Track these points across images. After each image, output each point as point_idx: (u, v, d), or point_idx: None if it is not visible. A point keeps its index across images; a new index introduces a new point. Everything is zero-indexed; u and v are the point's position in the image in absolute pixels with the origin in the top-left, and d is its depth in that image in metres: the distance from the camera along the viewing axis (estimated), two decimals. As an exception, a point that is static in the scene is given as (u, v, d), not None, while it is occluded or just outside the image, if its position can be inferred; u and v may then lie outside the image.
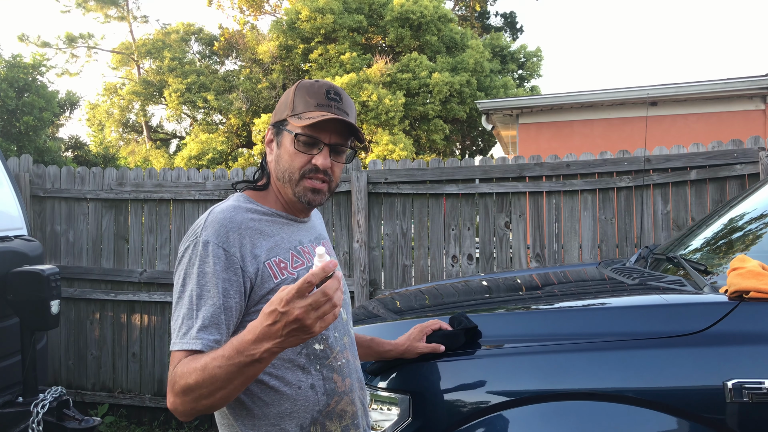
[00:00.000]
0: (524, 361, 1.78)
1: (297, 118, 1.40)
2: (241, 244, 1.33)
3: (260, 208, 1.44)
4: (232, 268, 1.31)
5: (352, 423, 1.44)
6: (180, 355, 1.25)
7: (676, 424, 1.63)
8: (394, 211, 4.68)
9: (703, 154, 4.22)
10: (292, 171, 1.42)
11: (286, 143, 1.43)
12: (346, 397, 1.43)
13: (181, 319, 1.29)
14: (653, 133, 7.78)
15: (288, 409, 1.35)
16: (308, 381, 1.37)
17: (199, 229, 1.34)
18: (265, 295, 1.34)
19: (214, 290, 1.28)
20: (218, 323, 1.28)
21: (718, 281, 1.97)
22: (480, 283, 3.03)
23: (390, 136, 18.14)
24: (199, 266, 1.30)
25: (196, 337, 1.25)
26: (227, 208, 1.39)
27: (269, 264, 1.36)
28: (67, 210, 5.07)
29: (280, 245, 1.41)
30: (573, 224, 4.44)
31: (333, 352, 1.43)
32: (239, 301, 1.31)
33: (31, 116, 12.84)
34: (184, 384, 1.21)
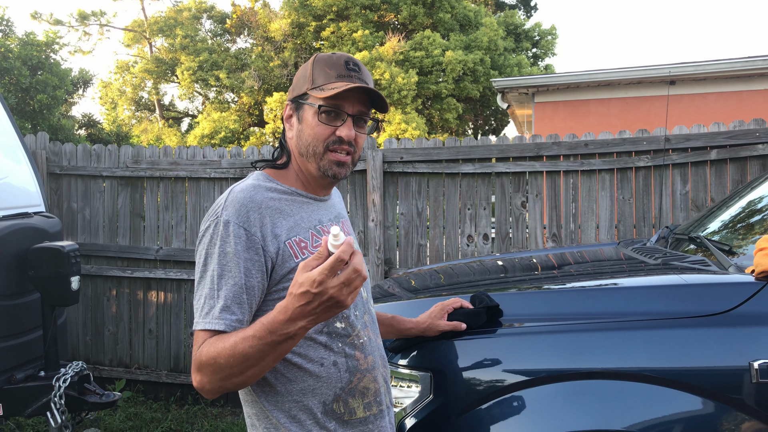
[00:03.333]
0: (546, 340, 1.77)
1: (319, 90, 1.39)
2: (262, 223, 1.33)
3: (280, 187, 1.43)
4: (254, 247, 1.31)
5: (375, 400, 1.44)
6: (204, 335, 1.26)
7: (700, 404, 1.62)
8: (409, 190, 4.66)
9: (724, 133, 4.16)
10: (316, 144, 1.40)
11: (308, 117, 1.41)
12: (369, 374, 1.44)
13: (204, 299, 1.29)
14: (671, 112, 7.68)
15: (311, 386, 1.36)
16: (331, 358, 1.38)
17: (220, 209, 1.34)
18: (287, 275, 1.34)
19: (235, 270, 1.29)
20: (241, 303, 1.28)
21: (743, 261, 1.95)
22: (496, 262, 3.02)
23: (402, 116, 18.06)
24: (221, 246, 1.30)
25: (219, 317, 1.26)
26: (247, 187, 1.38)
27: (290, 243, 1.36)
28: (84, 187, 5.09)
29: (300, 224, 1.40)
30: (590, 204, 4.40)
31: (355, 330, 1.43)
32: (261, 281, 1.32)
33: (45, 94, 12.87)
34: (213, 363, 1.22)
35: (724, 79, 8.38)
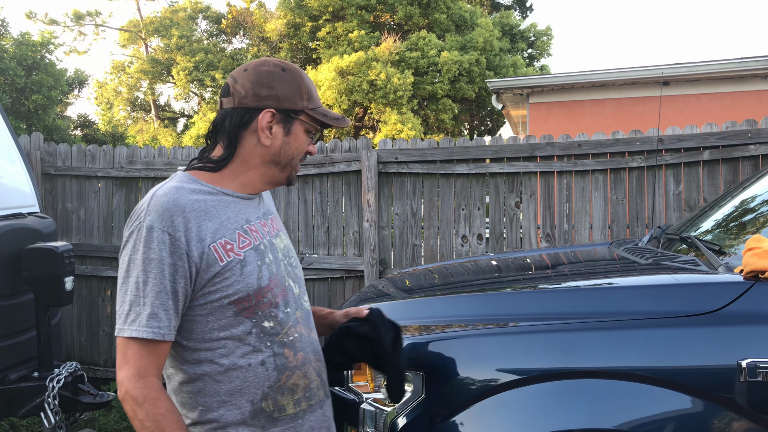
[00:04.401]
0: (537, 339, 1.78)
1: (317, 112, 1.47)
2: (186, 227, 1.32)
3: (204, 188, 1.41)
4: (178, 253, 1.31)
5: (305, 396, 1.46)
6: (132, 343, 1.28)
7: (690, 403, 1.64)
8: (404, 190, 4.67)
9: (717, 134, 4.18)
10: (296, 158, 1.48)
11: (299, 132, 1.46)
12: (298, 371, 1.45)
13: (129, 305, 1.30)
14: (665, 113, 7.71)
15: (238, 386, 1.37)
16: (258, 358, 1.39)
17: (143, 214, 1.33)
18: (211, 279, 1.34)
19: (160, 277, 1.29)
20: (167, 309, 1.30)
21: (733, 261, 1.96)
22: (490, 262, 3.04)
23: (398, 116, 18.06)
24: (144, 252, 1.30)
25: (146, 324, 1.28)
26: (170, 190, 1.36)
27: (214, 246, 1.35)
28: (78, 188, 5.09)
29: (226, 225, 1.39)
30: (584, 204, 4.42)
31: (284, 328, 1.43)
32: (185, 286, 1.32)
33: (40, 94, 12.84)
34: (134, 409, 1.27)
35: (717, 80, 8.41)
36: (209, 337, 1.36)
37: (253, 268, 1.39)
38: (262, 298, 1.39)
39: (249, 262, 1.39)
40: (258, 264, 1.40)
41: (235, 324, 1.36)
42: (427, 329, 1.93)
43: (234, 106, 1.43)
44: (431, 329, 1.92)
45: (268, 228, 1.51)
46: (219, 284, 1.34)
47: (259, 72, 1.44)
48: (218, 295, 1.35)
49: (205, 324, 1.35)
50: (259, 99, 1.42)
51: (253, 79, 1.43)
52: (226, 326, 1.36)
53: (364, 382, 2.05)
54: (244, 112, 1.42)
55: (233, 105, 1.43)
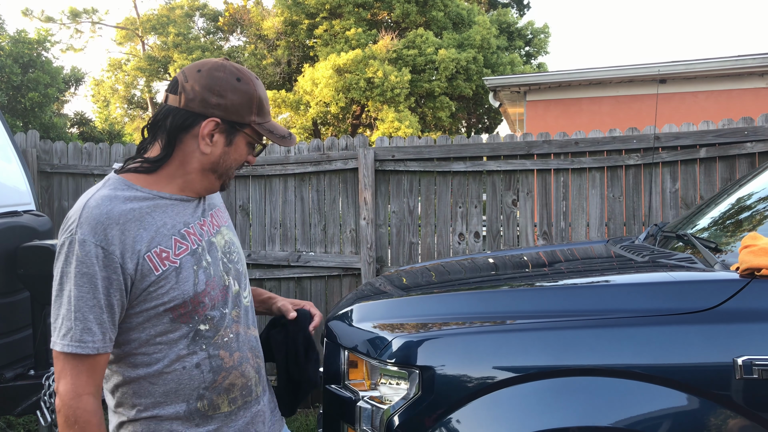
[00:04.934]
0: (533, 337, 1.78)
1: (263, 128, 1.44)
2: (121, 240, 1.30)
3: (140, 193, 1.38)
4: (112, 266, 1.28)
5: (241, 394, 1.47)
6: (67, 358, 1.27)
7: (685, 400, 1.64)
8: (401, 188, 4.67)
9: (713, 131, 4.19)
10: (234, 167, 1.47)
11: (240, 144, 1.44)
12: (235, 371, 1.45)
13: (62, 319, 1.28)
14: (662, 111, 7.72)
15: (173, 388, 1.38)
16: (193, 361, 1.39)
17: (74, 226, 1.30)
18: (147, 288, 1.33)
19: (93, 291, 1.27)
20: (101, 323, 1.28)
21: (729, 259, 1.96)
22: (487, 260, 3.03)
23: (396, 114, 18.06)
24: (77, 266, 1.27)
25: (80, 339, 1.27)
26: (103, 200, 1.32)
27: (149, 256, 1.33)
28: (75, 186, 5.08)
29: (162, 232, 1.37)
30: (581, 202, 4.43)
31: (219, 330, 1.43)
32: (120, 299, 1.31)
33: (36, 92, 12.81)
34: (65, 427, 1.27)
35: (713, 78, 8.42)
36: (145, 341, 1.36)
37: (188, 274, 1.38)
38: (198, 303, 1.39)
39: (185, 268, 1.38)
40: (194, 269, 1.40)
41: (171, 330, 1.37)
42: (423, 327, 1.92)
43: (179, 107, 1.38)
44: (428, 327, 1.92)
45: (207, 227, 1.48)
46: (154, 293, 1.34)
47: (213, 77, 1.39)
48: (154, 303, 1.34)
49: (141, 330, 1.35)
50: (206, 106, 1.38)
51: (205, 83, 1.38)
52: (162, 332, 1.36)
53: (360, 380, 2.05)
54: (188, 115, 1.38)
55: (178, 105, 1.39)
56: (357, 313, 2.23)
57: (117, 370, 1.38)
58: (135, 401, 1.37)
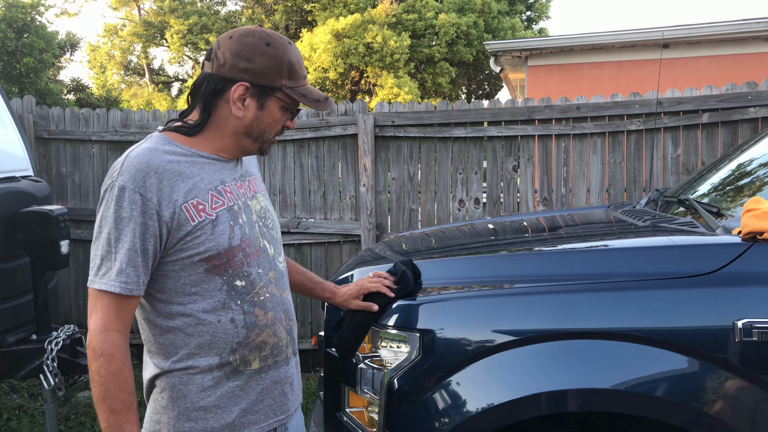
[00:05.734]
0: (534, 300, 1.78)
1: (295, 92, 1.46)
2: (159, 188, 1.37)
3: (180, 149, 1.44)
4: (149, 213, 1.35)
5: (272, 353, 1.52)
6: (101, 295, 1.35)
7: (686, 363, 1.64)
8: (401, 154, 4.64)
9: (716, 96, 4.15)
10: (270, 132, 1.50)
11: (273, 109, 1.47)
12: (268, 330, 1.50)
13: (100, 259, 1.36)
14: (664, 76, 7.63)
15: (208, 340, 1.43)
16: (228, 315, 1.44)
17: (116, 174, 1.37)
18: (183, 238, 1.39)
19: (131, 234, 1.34)
20: (136, 266, 1.35)
21: (731, 223, 1.96)
22: (486, 225, 3.03)
23: (395, 79, 17.89)
24: (116, 211, 1.35)
25: (115, 279, 1.34)
26: (143, 151, 1.40)
27: (186, 207, 1.39)
28: (72, 152, 5.04)
29: (199, 186, 1.42)
30: (582, 168, 4.40)
31: (255, 288, 1.48)
32: (155, 245, 1.37)
33: (31, 57, 12.67)
34: (91, 359, 1.35)
35: (717, 43, 8.32)
36: (181, 291, 1.41)
37: (224, 228, 1.43)
38: (232, 257, 1.43)
39: (221, 221, 1.43)
40: (230, 224, 1.44)
41: (206, 280, 1.42)
42: (423, 291, 1.92)
43: (212, 72, 1.44)
44: (427, 291, 1.92)
45: (244, 190, 1.53)
46: (190, 242, 1.39)
47: (242, 43, 1.43)
48: (189, 252, 1.40)
49: (176, 279, 1.41)
50: (235, 71, 1.42)
51: (234, 49, 1.43)
52: (196, 282, 1.41)
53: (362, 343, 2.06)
54: (219, 80, 1.43)
55: (211, 71, 1.45)
56: (357, 278, 2.23)
57: (154, 321, 1.44)
58: (170, 351, 1.43)
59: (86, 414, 3.85)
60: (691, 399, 1.62)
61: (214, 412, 1.44)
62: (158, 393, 1.46)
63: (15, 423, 3.75)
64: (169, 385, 1.44)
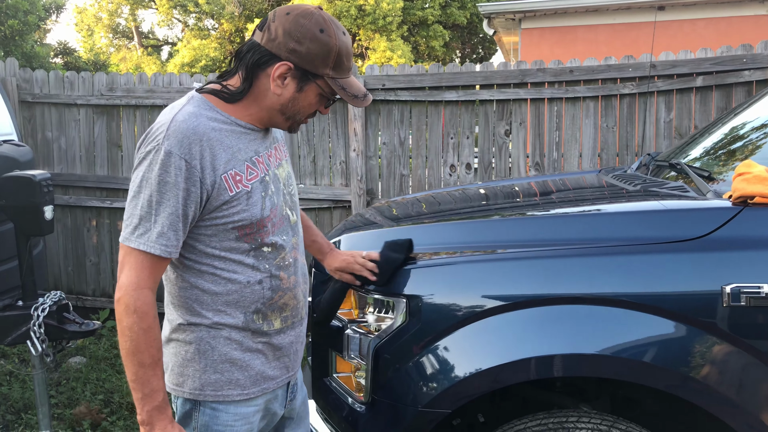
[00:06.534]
0: (521, 266, 1.77)
1: (338, 84, 1.47)
2: (202, 156, 1.39)
3: (221, 116, 1.46)
4: (192, 179, 1.38)
5: (291, 314, 1.60)
6: (139, 255, 1.37)
7: (673, 328, 1.64)
8: (391, 119, 4.58)
9: (711, 59, 4.09)
10: (303, 115, 1.52)
11: (311, 94, 1.48)
12: (290, 292, 1.58)
13: (138, 219, 1.38)
14: (659, 39, 7.54)
15: (235, 298, 1.49)
16: (257, 277, 1.50)
17: (161, 137, 1.38)
18: (220, 206, 1.43)
19: (174, 199, 1.37)
20: (176, 230, 1.39)
21: (722, 188, 1.93)
22: (477, 190, 3.00)
23: (388, 43, 17.65)
24: (160, 174, 1.37)
25: (155, 241, 1.37)
26: (190, 116, 1.41)
27: (225, 177, 1.43)
28: (58, 116, 4.96)
29: (237, 157, 1.46)
30: (574, 132, 4.36)
31: (281, 254, 1.55)
32: (195, 210, 1.41)
33: (16, 20, 12.40)
34: (123, 314, 1.37)
35: (713, 5, 8.20)
36: (212, 254, 1.46)
37: (257, 199, 1.48)
38: (262, 226, 1.49)
39: (254, 193, 1.48)
40: (262, 195, 1.49)
41: (237, 246, 1.47)
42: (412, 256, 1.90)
43: (260, 43, 1.45)
44: (416, 256, 1.90)
45: (273, 159, 1.58)
46: (226, 211, 1.44)
47: (297, 23, 1.44)
48: (224, 220, 1.44)
49: (208, 243, 1.46)
50: (282, 49, 1.43)
51: (288, 27, 1.44)
52: (228, 247, 1.46)
53: (348, 309, 2.05)
54: (265, 53, 1.44)
55: (260, 42, 1.45)
56: (345, 243, 2.21)
57: (184, 275, 1.48)
58: (196, 307, 1.48)
59: (77, 380, 3.86)
60: (678, 364, 1.62)
61: (239, 365, 1.51)
62: (183, 346, 1.50)
63: (6, 389, 3.76)
64: (197, 338, 1.49)
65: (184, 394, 1.51)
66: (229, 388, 1.51)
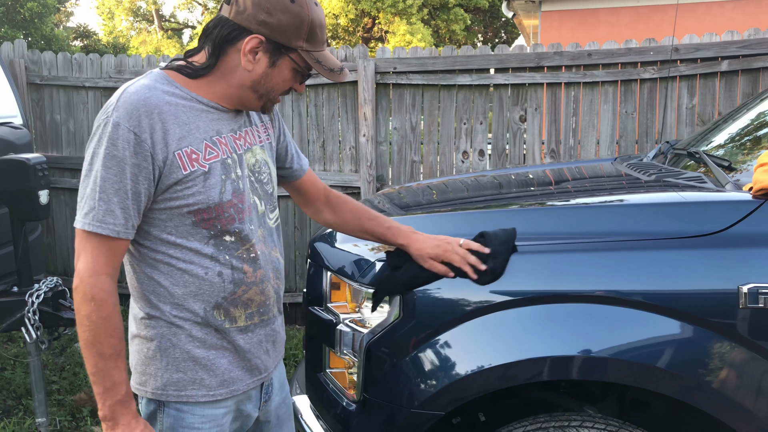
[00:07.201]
0: (523, 260, 1.65)
1: (312, 57, 1.39)
2: (153, 129, 1.30)
3: (179, 91, 1.37)
4: (142, 153, 1.29)
5: (258, 311, 1.48)
6: (88, 236, 1.29)
7: (684, 330, 1.52)
8: (403, 103, 4.45)
9: (738, 42, 3.90)
10: (276, 91, 1.43)
11: (284, 69, 1.40)
12: (256, 287, 1.46)
13: (86, 199, 1.30)
14: (685, 22, 7.28)
15: (192, 291, 1.39)
16: (216, 269, 1.40)
17: (111, 109, 1.30)
18: (172, 186, 1.33)
19: (121, 175, 1.28)
20: (125, 208, 1.29)
21: (743, 179, 1.80)
22: (491, 178, 2.88)
23: (407, 26, 17.43)
24: (107, 148, 1.28)
25: (102, 220, 1.28)
26: (141, 88, 1.32)
27: (179, 154, 1.33)
28: (66, 99, 4.91)
29: (194, 134, 1.36)
30: (591, 118, 4.20)
31: (245, 245, 1.44)
32: (147, 188, 1.31)
33: (35, 2, 12.42)
34: (80, 303, 1.29)
35: (743, -14, 7.90)
36: (167, 240, 1.37)
37: (216, 182, 1.37)
38: (222, 212, 1.38)
39: (213, 174, 1.37)
40: (222, 178, 1.38)
41: (194, 233, 1.37)
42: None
43: (228, 17, 1.36)
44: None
45: (241, 141, 1.46)
46: (180, 192, 1.34)
47: None
48: (178, 203, 1.34)
49: (163, 228, 1.36)
50: (252, 21, 1.34)
51: None
52: (183, 233, 1.37)
53: (343, 302, 1.96)
54: (234, 27, 1.36)
55: (229, 15, 1.36)
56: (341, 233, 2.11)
57: (140, 266, 1.40)
58: (153, 300, 1.40)
59: (80, 365, 3.83)
60: (687, 369, 1.50)
61: (202, 365, 1.42)
62: (144, 342, 1.42)
63: (9, 373, 3.74)
64: (158, 335, 1.40)
65: (147, 394, 1.43)
66: (194, 389, 1.42)
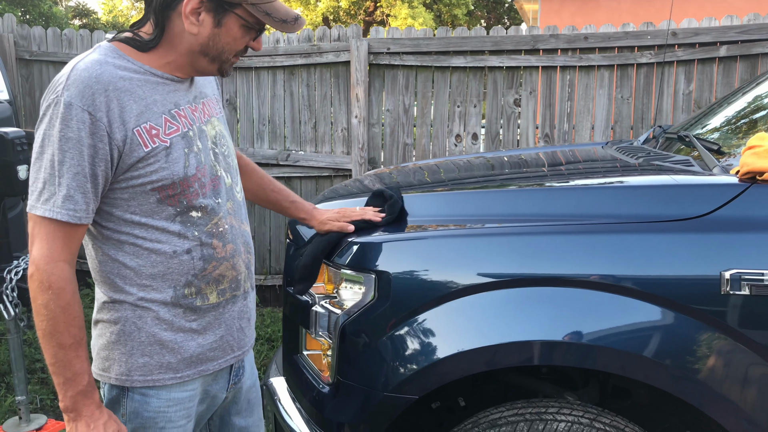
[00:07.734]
0: (500, 242, 1.60)
1: (258, 8, 1.29)
2: (108, 107, 1.23)
3: (132, 65, 1.30)
4: (98, 134, 1.22)
5: (230, 287, 1.44)
6: (44, 222, 1.22)
7: (663, 316, 1.47)
8: (396, 84, 4.38)
9: (737, 27, 3.83)
10: (229, 52, 1.35)
11: (232, 26, 1.31)
12: (227, 262, 1.42)
13: (42, 183, 1.23)
14: (685, 7, 7.18)
15: (161, 271, 1.34)
16: (184, 246, 1.35)
17: (61, 87, 1.22)
18: (134, 164, 1.27)
19: (78, 158, 1.21)
20: (85, 192, 1.23)
21: (733, 162, 1.75)
22: (472, 160, 2.82)
23: (409, 10, 17.27)
24: (61, 130, 1.20)
25: (62, 206, 1.22)
26: (92, 63, 1.24)
27: (138, 131, 1.27)
28: (56, 75, 4.83)
29: (152, 109, 1.30)
30: (587, 103, 4.14)
31: (213, 219, 1.39)
32: (105, 170, 1.25)
33: (33, -21, 12.29)
34: (37, 291, 1.23)
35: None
36: (131, 220, 1.31)
37: (179, 156, 1.32)
38: (188, 187, 1.33)
39: (175, 149, 1.32)
40: (185, 152, 1.33)
41: (158, 211, 1.32)
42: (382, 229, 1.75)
43: None
44: (387, 229, 1.75)
45: (199, 114, 1.41)
46: (142, 170, 1.28)
47: None
48: (141, 181, 1.29)
49: (126, 208, 1.30)
50: None
51: None
52: (148, 212, 1.31)
53: (320, 284, 1.92)
54: None
55: None
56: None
57: (102, 248, 1.33)
58: (118, 282, 1.33)
59: (65, 344, 3.80)
60: (666, 357, 1.46)
61: (170, 347, 1.36)
62: (107, 326, 1.36)
63: (-7, 350, 3.71)
64: (121, 318, 1.34)
65: (110, 380, 1.37)
66: (160, 372, 1.36)
